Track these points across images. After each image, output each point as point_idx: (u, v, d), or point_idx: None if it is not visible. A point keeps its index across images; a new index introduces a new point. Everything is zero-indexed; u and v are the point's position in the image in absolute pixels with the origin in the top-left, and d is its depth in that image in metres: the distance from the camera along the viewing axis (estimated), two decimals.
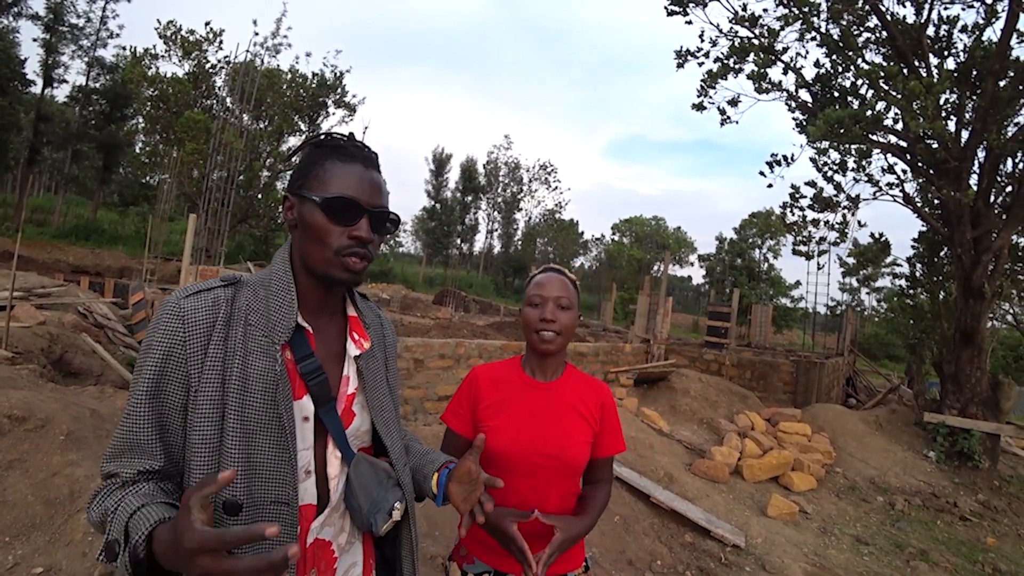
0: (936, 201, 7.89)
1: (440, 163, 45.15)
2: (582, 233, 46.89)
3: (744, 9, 8.12)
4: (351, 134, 1.01)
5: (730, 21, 8.25)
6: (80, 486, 2.77)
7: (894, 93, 6.54)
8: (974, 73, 7.17)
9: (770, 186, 8.84)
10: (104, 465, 0.87)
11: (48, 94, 26.76)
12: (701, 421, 7.29)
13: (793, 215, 9.19)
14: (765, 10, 8.25)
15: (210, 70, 19.68)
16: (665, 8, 8.57)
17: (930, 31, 7.61)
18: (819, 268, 11.58)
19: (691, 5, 8.45)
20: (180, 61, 19.20)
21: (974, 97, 7.24)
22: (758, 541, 4.22)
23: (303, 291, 0.99)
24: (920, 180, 8.23)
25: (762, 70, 7.97)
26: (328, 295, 1.02)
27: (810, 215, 9.11)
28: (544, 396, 1.44)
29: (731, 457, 5.62)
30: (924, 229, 8.86)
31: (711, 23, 8.55)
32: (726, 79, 8.39)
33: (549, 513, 1.36)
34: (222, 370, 0.88)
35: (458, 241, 45.72)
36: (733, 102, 8.79)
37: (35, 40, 25.05)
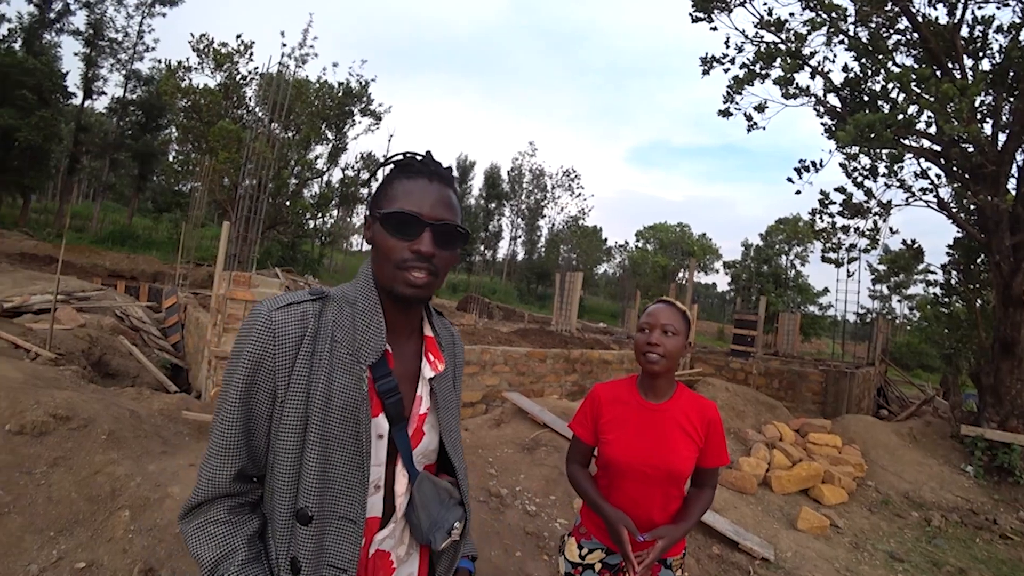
0: (972, 207, 7.65)
1: (464, 170, 45.52)
2: (605, 240, 46.77)
3: (770, 14, 8.04)
4: (428, 152, 1.02)
5: (756, 26, 8.18)
6: (120, 484, 2.87)
7: (927, 96, 6.37)
8: (1011, 74, 6.95)
9: (798, 192, 8.70)
10: (202, 469, 0.92)
11: (88, 106, 27.91)
12: (728, 431, 7.17)
13: (822, 222, 9.00)
14: (792, 14, 8.14)
15: (241, 81, 20.23)
16: (690, 15, 8.53)
17: (964, 32, 7.41)
18: (849, 275, 11.26)
19: (716, 11, 8.40)
20: (212, 73, 19.81)
21: (1011, 99, 7.02)
22: (788, 555, 4.13)
23: (384, 311, 1.00)
24: (955, 185, 8.00)
25: (789, 75, 7.86)
26: (406, 314, 1.04)
27: (840, 222, 8.91)
28: (655, 416, 1.66)
29: (759, 468, 5.51)
30: (960, 235, 8.59)
31: (736, 29, 8.48)
32: (752, 85, 8.30)
33: (654, 510, 1.64)
34: (307, 384, 0.91)
35: (481, 248, 45.94)
36: (760, 108, 8.69)
37: (76, 54, 26.19)
